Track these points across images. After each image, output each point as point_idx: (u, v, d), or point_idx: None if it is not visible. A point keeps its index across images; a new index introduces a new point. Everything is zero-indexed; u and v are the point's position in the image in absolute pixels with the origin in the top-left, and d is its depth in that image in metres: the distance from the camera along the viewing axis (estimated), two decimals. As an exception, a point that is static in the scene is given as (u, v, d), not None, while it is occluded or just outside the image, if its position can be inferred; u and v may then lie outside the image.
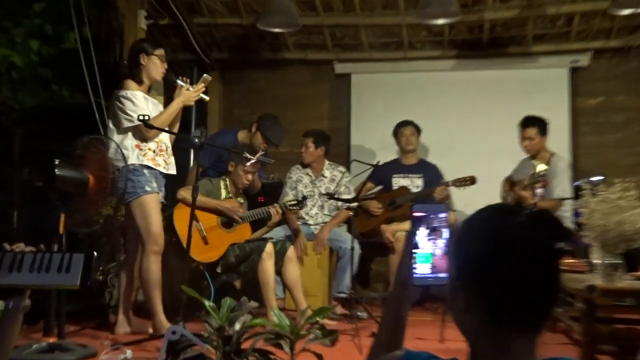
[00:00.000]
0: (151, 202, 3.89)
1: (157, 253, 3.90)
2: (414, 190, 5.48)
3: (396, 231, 5.16)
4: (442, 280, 1.25)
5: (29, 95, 5.93)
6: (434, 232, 1.26)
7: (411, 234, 1.26)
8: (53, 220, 3.57)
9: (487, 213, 1.19)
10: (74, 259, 2.04)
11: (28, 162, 4.72)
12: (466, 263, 1.15)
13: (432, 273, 1.27)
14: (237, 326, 2.82)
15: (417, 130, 5.62)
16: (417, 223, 1.27)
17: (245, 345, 2.73)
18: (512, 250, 1.11)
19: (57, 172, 3.49)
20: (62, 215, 3.51)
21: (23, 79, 5.79)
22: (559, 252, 1.13)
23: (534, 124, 5.03)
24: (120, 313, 4.05)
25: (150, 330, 3.93)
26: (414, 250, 1.26)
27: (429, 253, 1.26)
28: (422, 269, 1.26)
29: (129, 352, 3.24)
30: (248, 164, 4.53)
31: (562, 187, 4.91)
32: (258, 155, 4.49)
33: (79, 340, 3.70)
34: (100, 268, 4.49)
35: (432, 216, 1.26)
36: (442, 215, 1.27)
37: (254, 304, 3.01)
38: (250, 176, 4.63)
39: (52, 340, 3.37)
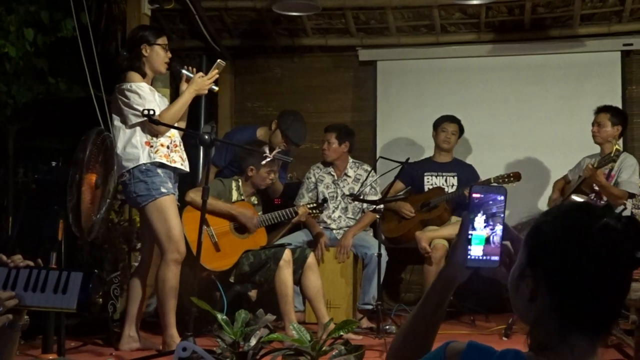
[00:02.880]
0: (169, 205, 3.91)
1: (177, 262, 3.92)
2: (449, 190, 5.48)
3: (433, 239, 5.14)
4: (494, 263, 1.35)
5: (23, 88, 6.00)
6: (491, 217, 1.35)
7: (468, 216, 1.35)
8: (50, 226, 3.64)
9: (574, 207, 1.28)
10: (71, 277, 2.02)
11: (23, 162, 4.80)
12: (542, 251, 1.25)
13: (484, 255, 1.36)
14: (253, 341, 2.87)
15: (460, 129, 5.61)
16: (475, 206, 1.36)
17: (262, 361, 2.77)
18: (595, 250, 1.20)
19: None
20: (61, 221, 3.56)
21: (17, 71, 5.85)
22: (638, 261, 1.21)
23: (607, 110, 5.06)
24: (126, 327, 4.07)
25: (159, 347, 3.96)
26: (470, 232, 1.35)
27: (483, 236, 1.35)
28: (475, 251, 1.36)
29: None
30: (263, 162, 4.56)
31: (631, 181, 4.90)
32: (274, 152, 4.51)
33: (81, 357, 3.76)
34: (104, 287, 4.54)
35: (490, 202, 1.35)
36: (501, 198, 1.35)
37: (270, 317, 3.05)
38: (272, 175, 4.68)
39: (51, 357, 3.43)
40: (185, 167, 4.05)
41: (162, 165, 3.91)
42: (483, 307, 5.32)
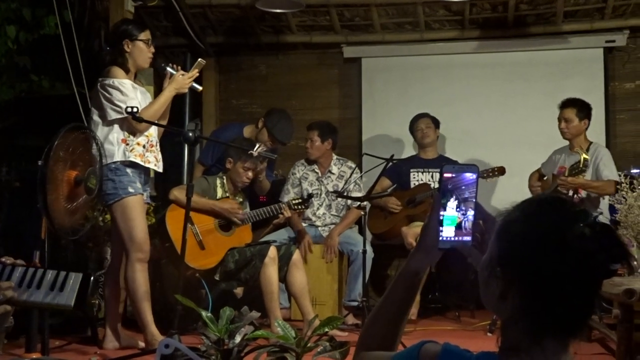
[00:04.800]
0: (134, 205, 3.88)
1: (142, 261, 3.90)
2: (435, 186, 5.50)
3: (419, 235, 5.15)
4: (466, 243, 1.36)
5: (5, 86, 5.95)
6: (464, 202, 1.34)
7: (439, 198, 1.34)
8: (34, 224, 3.61)
9: (547, 205, 1.26)
10: (69, 277, 2.12)
11: (6, 161, 4.76)
12: (513, 254, 1.23)
13: (456, 236, 1.36)
14: (238, 339, 2.87)
15: (434, 122, 5.64)
16: (447, 188, 1.35)
17: (247, 359, 2.77)
18: (568, 260, 1.19)
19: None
20: (44, 219, 3.52)
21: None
22: (612, 272, 1.21)
23: (573, 105, 5.06)
24: (107, 326, 4.07)
25: (142, 345, 3.96)
26: (441, 214, 1.34)
27: (455, 217, 1.35)
28: (447, 232, 1.36)
29: None
30: (247, 160, 4.56)
31: (610, 169, 4.87)
32: (258, 149, 4.49)
33: (65, 356, 3.73)
34: (99, 289, 4.52)
35: (462, 182, 1.34)
36: (473, 176, 1.34)
37: (255, 314, 3.04)
38: (250, 173, 4.65)
39: (35, 356, 3.39)
40: (159, 168, 4.02)
41: (133, 165, 3.89)
42: (468, 302, 5.35)
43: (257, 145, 4.49)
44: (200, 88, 4.17)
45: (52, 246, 3.62)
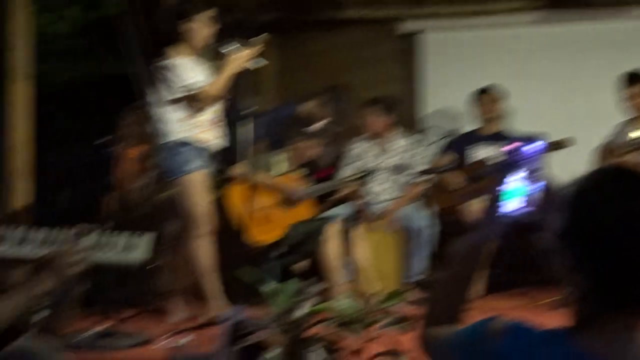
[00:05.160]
0: (193, 182, 3.91)
1: (202, 236, 3.93)
2: (498, 160, 5.39)
3: (482, 209, 5.07)
4: (531, 216, 1.35)
5: (66, 67, 6.05)
6: (529, 175, 1.34)
7: (503, 168, 1.35)
8: (98, 201, 3.69)
9: (621, 178, 1.20)
10: (138, 238, 2.30)
11: (70, 141, 4.87)
12: (585, 223, 1.18)
13: (520, 209, 1.36)
14: (301, 312, 2.86)
15: (499, 96, 5.52)
16: (513, 161, 1.35)
17: (310, 332, 2.76)
18: None
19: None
20: (107, 196, 3.61)
21: (61, 50, 5.89)
22: None
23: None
24: (174, 298, 4.14)
25: (207, 317, 3.95)
26: (505, 187, 1.35)
27: (519, 189, 1.34)
28: (511, 204, 1.36)
29: (184, 339, 3.28)
30: (305, 135, 4.56)
31: None
32: (317, 125, 4.49)
33: (134, 326, 3.79)
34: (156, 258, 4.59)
35: (528, 160, 1.34)
36: (538, 150, 1.34)
37: (319, 287, 3.05)
38: (310, 149, 4.66)
39: (107, 325, 3.48)
40: (222, 144, 4.04)
41: (195, 142, 3.90)
42: (536, 278, 5.25)
43: (317, 122, 4.49)
44: (263, 63, 4.14)
45: (117, 222, 3.68)
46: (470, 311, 1.45)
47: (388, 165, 5.37)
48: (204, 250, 3.93)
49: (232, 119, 4.23)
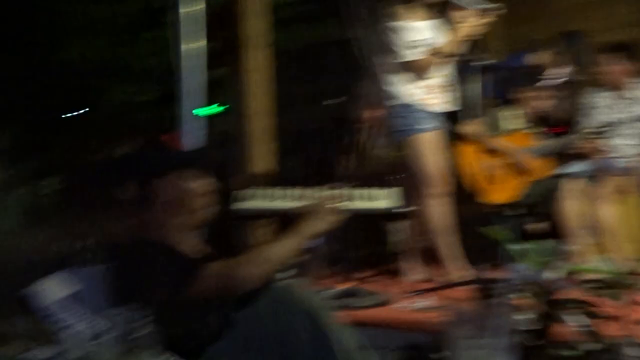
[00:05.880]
0: (425, 141, 3.90)
1: (435, 196, 3.90)
2: None
3: None
4: None
5: (294, 34, 6.20)
6: None
7: None
8: (331, 163, 3.75)
9: None
10: (382, 191, 2.60)
11: (303, 104, 5.00)
12: None
13: None
14: (551, 273, 2.74)
15: None
16: None
17: (565, 295, 2.64)
18: None
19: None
20: (343, 157, 3.72)
21: (285, 17, 6.05)
22: None
23: None
24: (410, 258, 4.14)
25: (445, 278, 3.94)
26: None
27: None
28: None
29: (424, 301, 3.31)
30: (539, 89, 4.36)
31: None
32: (551, 76, 4.27)
33: (372, 287, 3.83)
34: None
35: None
36: None
37: (564, 248, 2.91)
38: (543, 102, 4.45)
39: (347, 285, 3.55)
40: (448, 108, 3.98)
41: (425, 105, 3.89)
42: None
43: (550, 72, 4.27)
44: (494, 18, 4.05)
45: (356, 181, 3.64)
46: None
47: (632, 116, 4.98)
48: (438, 210, 3.91)
49: (461, 76, 4.17)
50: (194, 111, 4.01)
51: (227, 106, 5.43)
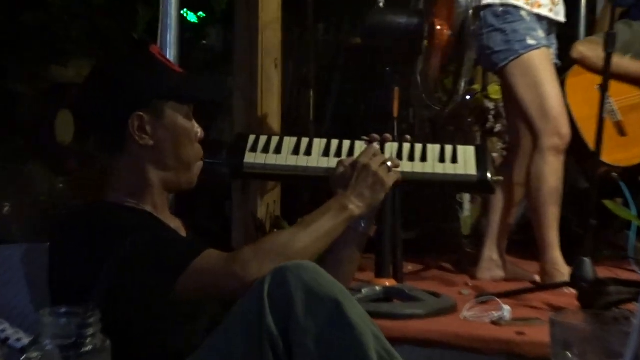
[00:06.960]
0: (540, 63, 2.98)
1: (557, 149, 2.97)
2: None
3: None
4: None
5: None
6: None
7: None
8: (380, 97, 2.95)
9: None
10: (458, 149, 2.28)
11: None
12: None
13: None
14: None
15: None
16: None
17: None
18: None
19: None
20: (396, 90, 2.80)
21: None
22: None
23: None
24: (486, 247, 3.23)
25: (537, 277, 3.05)
26: None
27: None
28: None
29: (506, 309, 2.54)
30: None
31: None
32: None
33: (423, 285, 3.04)
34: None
35: None
36: None
37: None
38: None
39: (387, 283, 2.76)
40: (557, 15, 3.08)
41: (524, 8, 3.00)
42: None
43: None
44: None
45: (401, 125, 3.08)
46: None
47: None
48: (553, 169, 2.99)
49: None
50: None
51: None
